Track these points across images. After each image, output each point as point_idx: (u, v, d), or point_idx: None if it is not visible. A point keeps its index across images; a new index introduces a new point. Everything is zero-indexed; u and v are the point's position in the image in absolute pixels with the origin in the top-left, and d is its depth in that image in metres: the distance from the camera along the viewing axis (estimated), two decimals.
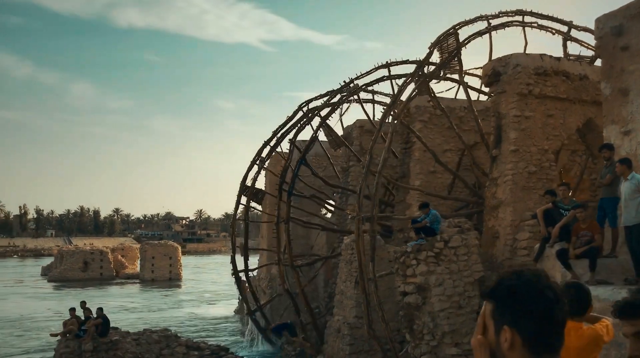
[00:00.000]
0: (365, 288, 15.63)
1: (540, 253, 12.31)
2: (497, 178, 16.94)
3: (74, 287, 60.89)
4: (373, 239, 15.72)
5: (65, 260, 69.36)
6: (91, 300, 48.51)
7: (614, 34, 13.29)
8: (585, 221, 11.02)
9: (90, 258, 69.57)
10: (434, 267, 14.92)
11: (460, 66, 17.57)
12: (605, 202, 11.47)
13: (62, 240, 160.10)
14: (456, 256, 15.13)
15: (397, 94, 16.49)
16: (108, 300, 49.87)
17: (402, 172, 22.04)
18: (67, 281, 65.42)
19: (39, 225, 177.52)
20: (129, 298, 51.15)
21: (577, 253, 10.91)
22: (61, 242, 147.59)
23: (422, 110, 21.83)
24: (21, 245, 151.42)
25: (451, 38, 16.98)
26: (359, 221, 15.68)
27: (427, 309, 14.96)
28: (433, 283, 14.82)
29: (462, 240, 15.28)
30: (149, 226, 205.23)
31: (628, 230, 10.52)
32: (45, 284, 66.33)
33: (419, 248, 15.05)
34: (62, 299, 47.37)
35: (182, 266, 70.16)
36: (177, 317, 39.00)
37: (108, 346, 20.27)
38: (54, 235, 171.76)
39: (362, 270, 15.60)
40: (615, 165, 11.17)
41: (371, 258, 15.67)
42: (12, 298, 51.65)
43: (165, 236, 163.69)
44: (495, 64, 17.45)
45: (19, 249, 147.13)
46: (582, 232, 11.02)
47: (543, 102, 17.08)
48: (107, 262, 70.26)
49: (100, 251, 71.04)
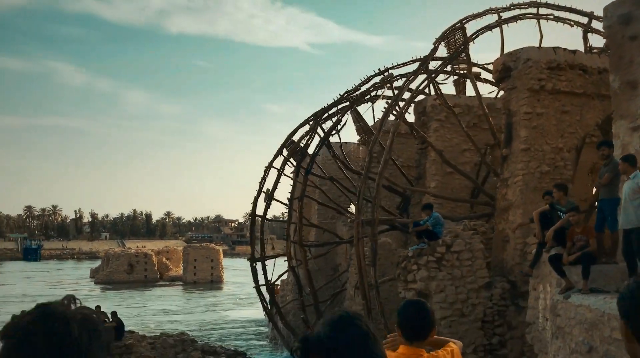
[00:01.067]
0: (366, 294, 15.09)
1: (537, 258, 11.55)
2: (507, 178, 16.10)
3: (119, 289, 62.33)
4: (374, 243, 15.17)
5: (111, 263, 71.07)
6: (130, 302, 49.80)
7: (621, 23, 12.39)
8: (579, 224, 10.21)
9: (135, 260, 71.04)
10: (435, 272, 14.27)
11: (468, 61, 16.79)
12: (604, 204, 10.62)
13: (115, 242, 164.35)
14: (459, 261, 14.43)
15: (399, 92, 15.85)
16: (148, 302, 50.88)
17: (418, 173, 21.35)
18: (113, 284, 66.98)
19: (93, 228, 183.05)
20: (167, 301, 51.86)
21: (570, 259, 10.12)
22: (115, 245, 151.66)
23: (439, 109, 21.07)
24: (76, 247, 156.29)
25: (458, 33, 16.23)
26: (358, 224, 15.16)
27: None
28: (434, 289, 14.17)
29: (466, 244, 14.57)
30: (200, 228, 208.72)
31: (626, 233, 9.68)
32: (92, 286, 68.13)
33: (419, 253, 14.44)
34: (100, 301, 48.34)
35: (223, 268, 70.77)
36: (207, 320, 39.22)
37: (122, 350, 20.36)
38: (108, 238, 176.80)
39: (362, 275, 15.09)
40: (615, 163, 10.34)
41: (372, 262, 15.12)
42: (54, 300, 53.05)
43: (215, 239, 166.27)
44: (506, 59, 16.60)
45: (74, 252, 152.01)
46: (577, 236, 10.21)
47: (557, 98, 16.14)
48: (151, 265, 71.56)
49: (144, 254, 72.46)
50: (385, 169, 15.54)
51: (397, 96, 15.91)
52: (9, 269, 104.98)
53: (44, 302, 1.47)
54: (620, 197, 10.05)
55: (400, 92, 15.95)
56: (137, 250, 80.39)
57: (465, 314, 14.16)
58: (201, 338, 26.93)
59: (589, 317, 9.49)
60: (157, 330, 26.88)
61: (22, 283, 73.28)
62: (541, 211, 11.57)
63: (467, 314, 14.17)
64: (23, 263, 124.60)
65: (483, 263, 14.59)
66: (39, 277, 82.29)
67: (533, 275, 11.75)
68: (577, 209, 10.67)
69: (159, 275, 72.50)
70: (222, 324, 37.64)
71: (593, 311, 9.41)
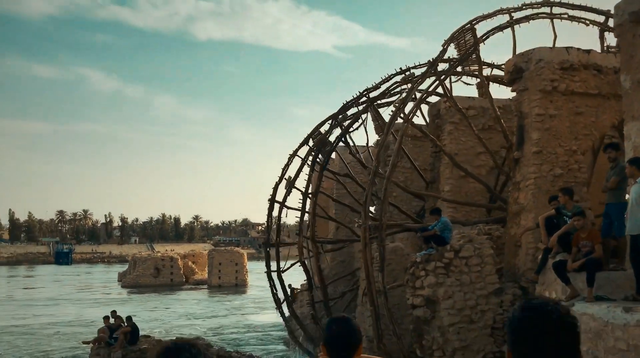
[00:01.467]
0: (374, 300, 14.87)
1: (542, 265, 11.22)
2: (519, 181, 15.74)
3: (145, 293, 63.00)
4: (382, 248, 14.95)
5: (138, 267, 71.90)
6: (151, 305, 50.20)
7: (632, 21, 12.00)
8: (584, 229, 9.87)
9: (161, 264, 71.73)
10: (443, 279, 14.00)
11: (479, 62, 16.46)
12: (611, 208, 10.28)
13: (145, 246, 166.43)
14: (468, 267, 14.14)
15: (407, 94, 15.60)
16: (171, 305, 51.28)
17: (432, 177, 21.05)
18: (139, 287, 67.73)
19: (123, 232, 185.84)
20: (190, 304, 52.19)
21: (575, 266, 9.79)
22: (144, 248, 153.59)
23: (452, 111, 20.74)
24: (107, 251, 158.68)
25: (468, 34, 15.94)
26: (365, 229, 14.96)
27: (437, 323, 14.05)
28: (442, 295, 13.90)
29: (475, 250, 14.27)
30: (227, 232, 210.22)
31: (633, 239, 9.33)
32: (119, 289, 69.02)
33: (427, 259, 14.18)
34: (123, 305, 48.92)
35: (248, 272, 71.00)
36: (226, 324, 39.31)
37: (137, 354, 20.50)
38: (137, 241, 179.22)
39: (369, 281, 14.88)
40: (621, 167, 10.01)
41: (380, 268, 14.91)
42: (78, 303, 53.88)
43: (242, 243, 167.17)
44: (517, 59, 16.25)
45: (105, 255, 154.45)
46: (583, 242, 9.88)
47: (570, 99, 15.73)
48: (177, 268, 72.15)
49: (170, 258, 73.10)
50: (393, 172, 15.30)
51: (405, 99, 15.64)
52: (41, 273, 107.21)
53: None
54: (627, 201, 9.71)
55: (408, 94, 15.69)
56: (163, 253, 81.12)
57: (474, 321, 13.86)
58: (217, 342, 26.97)
59: (592, 326, 9.17)
60: (175, 334, 26.99)
61: (52, 286, 74.66)
62: (547, 216, 11.24)
63: (476, 321, 13.86)
64: (55, 267, 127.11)
65: (493, 268, 14.27)
66: (69, 280, 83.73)
67: (539, 282, 11.42)
68: (582, 214, 10.35)
69: (184, 278, 73.08)
70: (242, 328, 37.70)
71: (597, 321, 9.08)
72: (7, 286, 76.51)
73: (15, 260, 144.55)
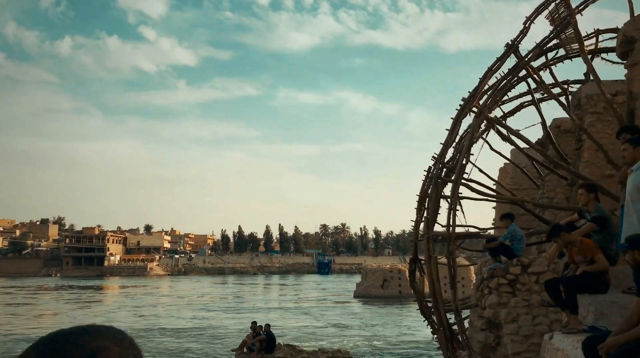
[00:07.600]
0: (442, 319, 13.16)
1: None
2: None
3: (373, 303, 64.69)
4: (452, 261, 13.18)
5: (368, 277, 74.20)
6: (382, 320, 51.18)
7: None
8: (573, 243, 7.44)
9: (389, 275, 72.90)
10: (508, 298, 11.83)
11: (579, 37, 13.54)
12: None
13: (398, 258, 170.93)
14: (539, 285, 11.70)
15: (480, 84, 13.51)
16: (379, 319, 51.62)
17: (571, 179, 17.83)
18: (368, 298, 69.79)
19: (377, 244, 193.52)
20: (402, 318, 51.97)
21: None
22: (397, 260, 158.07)
23: (595, 100, 17.36)
24: (362, 262, 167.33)
25: (561, 7, 13.27)
26: (429, 240, 13.37)
27: (502, 352, 11.90)
28: (504, 318, 11.75)
29: (550, 265, 11.74)
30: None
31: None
32: (350, 299, 72.07)
33: (492, 274, 12.14)
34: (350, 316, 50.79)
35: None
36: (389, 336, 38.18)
37: None
38: (390, 253, 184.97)
39: (436, 299, 13.23)
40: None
41: (451, 284, 13.16)
42: (287, 313, 57.44)
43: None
44: (628, 28, 12.99)
45: (360, 266, 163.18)
46: (577, 257, 7.49)
47: None
48: (404, 280, 72.43)
49: (398, 270, 73.79)
50: (462, 174, 13.34)
51: (476, 89, 13.51)
52: (306, 280, 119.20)
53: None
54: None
55: (481, 83, 13.53)
56: (392, 265, 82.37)
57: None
58: (367, 354, 26.48)
59: None
60: (336, 345, 27.32)
61: (314, 292, 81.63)
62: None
63: None
64: (317, 276, 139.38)
65: None
66: (323, 286, 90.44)
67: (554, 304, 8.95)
68: (597, 220, 7.87)
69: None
70: (411, 343, 36.19)
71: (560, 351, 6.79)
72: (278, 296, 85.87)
73: (285, 269, 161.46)
